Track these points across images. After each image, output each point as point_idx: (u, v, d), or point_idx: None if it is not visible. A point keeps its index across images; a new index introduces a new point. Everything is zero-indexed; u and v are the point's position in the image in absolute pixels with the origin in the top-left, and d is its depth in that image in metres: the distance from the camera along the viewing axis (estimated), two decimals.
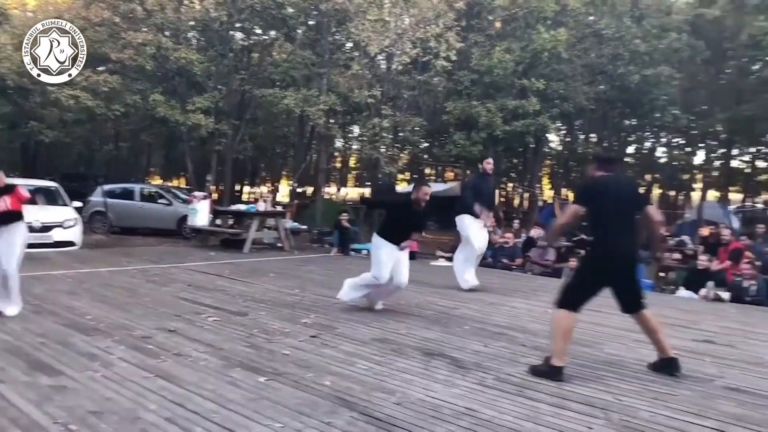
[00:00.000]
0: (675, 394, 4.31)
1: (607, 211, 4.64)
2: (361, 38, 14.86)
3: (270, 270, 9.84)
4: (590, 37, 20.99)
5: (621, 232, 4.60)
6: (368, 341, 5.46)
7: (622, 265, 4.71)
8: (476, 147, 17.39)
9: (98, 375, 4.20)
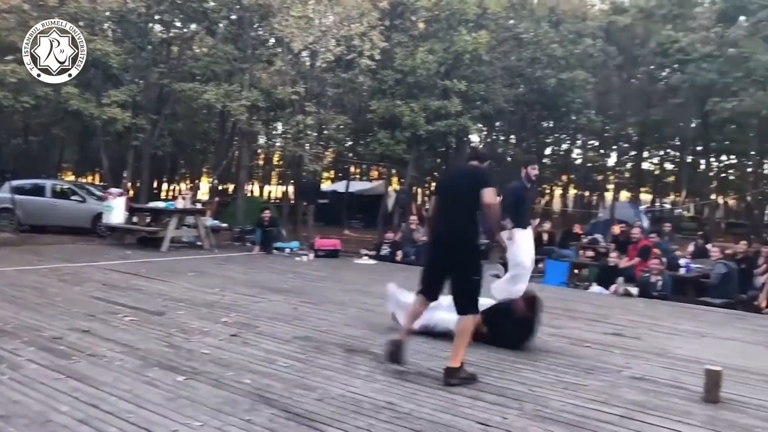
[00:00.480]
0: (585, 384, 4.51)
1: (441, 199, 4.80)
2: (284, 34, 14.71)
3: (189, 269, 9.63)
4: (510, 41, 21.54)
5: (446, 218, 4.64)
6: (290, 339, 5.44)
7: (445, 246, 4.65)
8: (400, 146, 17.54)
9: (5, 378, 4.01)
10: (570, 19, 23.79)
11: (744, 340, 6.40)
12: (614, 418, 3.80)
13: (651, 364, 5.20)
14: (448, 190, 4.81)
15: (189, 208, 13.38)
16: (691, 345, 6.03)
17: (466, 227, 4.50)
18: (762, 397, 4.38)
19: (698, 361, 5.02)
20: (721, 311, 8.45)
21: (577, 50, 21.70)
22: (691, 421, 3.82)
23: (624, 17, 23.72)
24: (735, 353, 5.75)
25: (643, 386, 4.54)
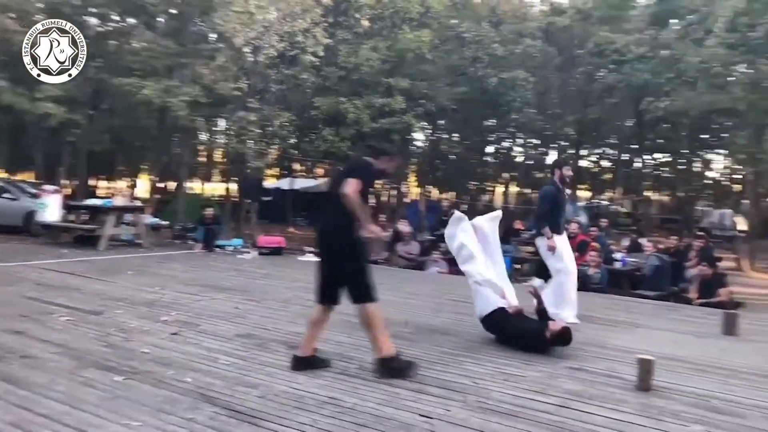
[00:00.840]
0: (524, 375, 4.62)
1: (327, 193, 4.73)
2: (226, 29, 14.51)
3: (128, 267, 9.40)
4: (452, 40, 21.80)
5: (324, 215, 4.66)
6: (232, 337, 5.39)
7: (320, 244, 4.73)
8: (345, 143, 17.55)
9: None
10: (510, 20, 24.21)
11: (675, 330, 6.65)
12: (552, 408, 3.91)
13: (587, 354, 5.36)
14: (331, 186, 4.74)
15: (127, 206, 13.07)
16: (626, 336, 6.24)
17: (340, 220, 4.40)
18: (691, 384, 4.57)
19: (632, 351, 5.20)
20: (654, 303, 8.75)
21: (518, 50, 22.12)
22: (624, 409, 3.96)
23: (563, 18, 24.29)
24: (666, 343, 5.98)
25: (580, 376, 4.68)
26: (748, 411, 4.03)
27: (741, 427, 3.74)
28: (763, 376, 4.91)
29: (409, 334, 5.81)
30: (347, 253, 4.48)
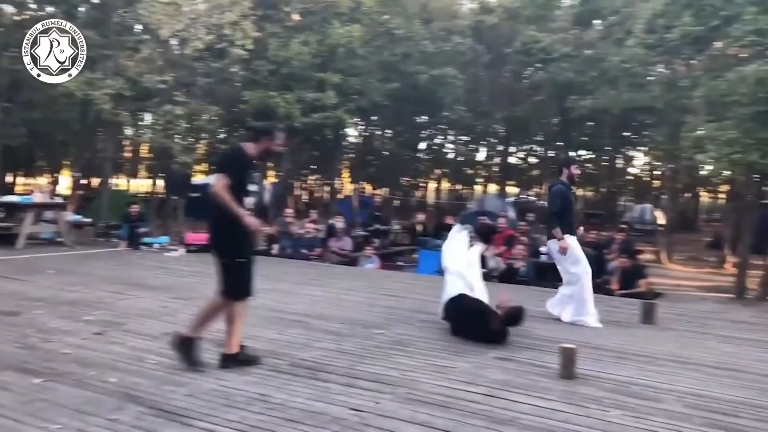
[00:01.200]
0: (454, 366, 4.70)
1: None
2: (151, 21, 14.10)
3: (48, 266, 9.02)
4: (383, 36, 21.85)
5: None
6: (159, 336, 5.26)
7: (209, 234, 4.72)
8: None
9: None
10: (441, 17, 24.47)
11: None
12: (480, 397, 4.00)
13: (514, 344, 5.49)
14: None
15: (48, 203, 12.53)
16: (551, 326, 6.44)
17: (215, 216, 4.46)
18: (612, 371, 4.76)
19: (556, 341, 5.36)
20: None
21: (448, 47, 22.38)
22: (549, 396, 4.09)
23: (491, 17, 24.74)
24: (588, 332, 6.21)
25: (507, 366, 4.80)
26: (665, 395, 4.23)
27: (658, 410, 3.92)
28: (678, 362, 5.16)
29: (341, 329, 5.81)
30: (220, 249, 4.50)
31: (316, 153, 30.04)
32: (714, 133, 10.93)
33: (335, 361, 4.70)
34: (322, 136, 20.92)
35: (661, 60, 16.00)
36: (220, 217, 4.35)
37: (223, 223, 4.36)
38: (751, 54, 11.89)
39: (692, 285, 13.15)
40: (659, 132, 18.68)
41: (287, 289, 7.97)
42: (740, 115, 10.67)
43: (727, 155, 10.57)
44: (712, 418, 3.82)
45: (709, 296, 11.60)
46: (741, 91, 10.58)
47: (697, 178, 26.43)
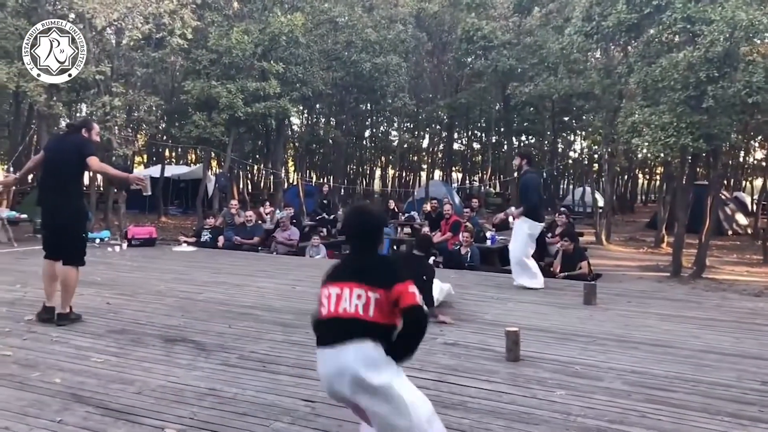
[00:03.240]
0: None
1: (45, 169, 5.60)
2: (85, 10, 13.64)
3: None
4: (326, 24, 21.70)
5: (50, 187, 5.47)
6: (104, 334, 5.17)
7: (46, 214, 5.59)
8: (218, 128, 17.07)
9: None
10: (383, 5, 24.45)
11: (540, 302, 7.09)
12: (429, 383, 4.08)
13: (462, 330, 5.61)
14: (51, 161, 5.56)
15: None
16: (496, 310, 6.59)
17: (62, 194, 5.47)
18: (554, 352, 4.92)
19: (502, 324, 5.50)
20: None
21: (390, 35, 22.39)
22: (495, 379, 4.21)
23: (432, 5, 24.84)
24: (533, 314, 6.38)
25: (455, 351, 4.91)
26: (605, 374, 4.41)
27: (599, 389, 4.08)
28: (617, 341, 5.37)
29: (291, 320, 5.82)
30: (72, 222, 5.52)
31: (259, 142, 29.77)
32: (649, 117, 11.29)
33: (285, 353, 4.72)
34: (265, 125, 20.72)
35: (598, 47, 16.39)
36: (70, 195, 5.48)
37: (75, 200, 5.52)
38: (682, 40, 12.32)
39: (631, 265, 13.61)
40: (597, 117, 19.15)
41: (236, 282, 7.92)
42: (673, 99, 11.05)
43: (661, 139, 10.94)
44: (650, 393, 4.00)
45: (647, 275, 12.03)
46: (673, 77, 10.96)
47: (634, 161, 27.25)
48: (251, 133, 24.46)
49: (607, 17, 13.33)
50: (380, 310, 2.55)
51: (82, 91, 16.67)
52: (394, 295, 2.54)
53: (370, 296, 2.54)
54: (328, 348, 2.62)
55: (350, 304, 2.56)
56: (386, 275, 2.61)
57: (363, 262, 2.73)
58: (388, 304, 2.55)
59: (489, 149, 34.95)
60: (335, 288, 2.64)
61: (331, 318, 2.61)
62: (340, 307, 2.59)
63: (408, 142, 33.52)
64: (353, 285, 2.59)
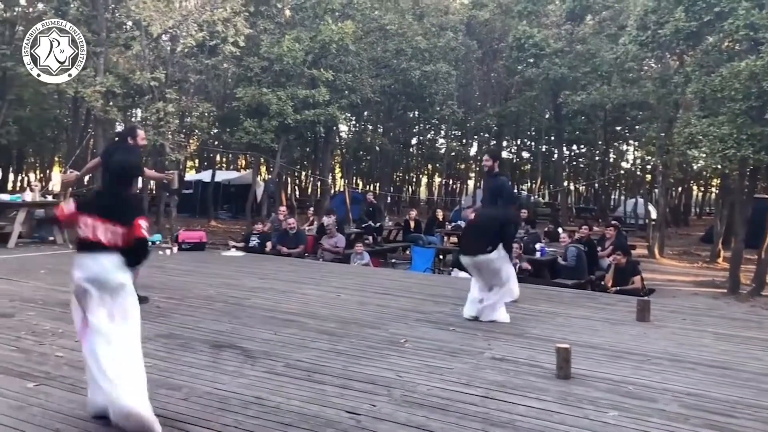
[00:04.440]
0: (450, 367, 4.68)
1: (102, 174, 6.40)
2: (142, 17, 14.00)
3: (41, 266, 8.95)
4: (376, 32, 21.81)
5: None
6: (153, 337, 5.22)
7: None
8: (268, 135, 17.29)
9: None
10: (433, 13, 24.44)
11: (592, 318, 6.90)
12: (477, 399, 3.99)
13: (510, 344, 5.49)
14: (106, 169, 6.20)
15: (39, 201, 12.44)
16: (546, 325, 6.43)
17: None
18: (607, 371, 4.76)
19: (552, 340, 5.36)
20: (573, 291, 9.06)
21: (440, 43, 22.36)
22: (545, 397, 4.08)
23: (483, 12, 24.72)
24: (584, 330, 6.20)
25: (503, 366, 4.79)
26: (660, 395, 4.23)
27: (653, 410, 3.92)
28: (672, 360, 5.17)
29: (336, 329, 5.79)
30: None
31: (308, 149, 30.04)
32: (707, 128, 10.95)
33: (330, 362, 4.68)
34: (314, 132, 20.91)
35: (654, 56, 16.02)
36: None
37: None
38: (744, 49, 11.92)
39: (685, 280, 13.20)
40: (652, 127, 18.72)
41: (282, 288, 7.94)
42: (733, 110, 10.68)
43: (720, 151, 10.59)
44: (709, 418, 3.82)
45: (703, 291, 11.65)
46: (734, 87, 10.59)
47: (689, 173, 26.51)
48: (300, 139, 24.69)
49: (664, 25, 13.02)
50: (124, 239, 3.45)
51: (137, 97, 17.11)
52: (132, 229, 3.45)
53: (118, 231, 3.44)
54: (87, 257, 3.46)
55: (104, 235, 3.43)
56: (128, 214, 3.49)
57: (114, 200, 3.61)
58: (128, 234, 3.45)
59: (538, 158, 34.51)
60: (92, 220, 3.45)
61: (91, 241, 3.45)
62: (97, 236, 3.44)
63: (455, 150, 33.37)
64: (107, 222, 3.44)
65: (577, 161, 36.87)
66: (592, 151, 33.12)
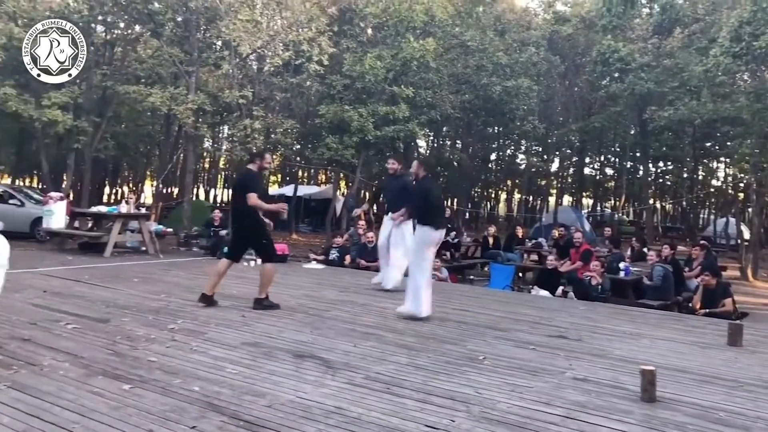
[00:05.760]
0: (530, 386, 4.63)
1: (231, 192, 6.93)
2: (232, 38, 14.61)
3: (133, 275, 9.44)
4: (456, 48, 21.89)
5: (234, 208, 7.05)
6: (238, 345, 5.42)
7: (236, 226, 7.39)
8: (348, 151, 17.62)
9: None
10: (515, 28, 24.31)
11: (679, 340, 6.66)
12: (557, 419, 3.93)
13: (592, 365, 5.37)
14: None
15: (133, 213, 13.11)
16: (630, 346, 6.25)
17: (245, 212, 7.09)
18: (694, 395, 4.58)
19: (636, 362, 5.21)
20: (659, 313, 8.76)
21: (522, 58, 22.20)
22: (629, 420, 3.98)
23: (566, 27, 24.38)
24: (670, 353, 5.99)
25: (585, 387, 4.70)
26: (753, 423, 4.05)
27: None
28: (767, 387, 4.92)
29: (414, 343, 5.83)
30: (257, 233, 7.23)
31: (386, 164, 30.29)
32: None
33: (410, 376, 4.72)
34: (393, 148, 21.13)
35: (748, 69, 15.36)
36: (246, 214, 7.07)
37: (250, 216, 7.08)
38: None
39: None
40: (745, 143, 17.89)
41: (361, 302, 8.06)
42: None
43: None
44: None
45: None
46: None
47: None
48: (379, 154, 25.00)
49: (759, 37, 12.50)
50: None
51: (225, 114, 17.81)
52: None
53: None
54: None
55: None
56: None
57: None
58: None
59: (623, 175, 33.53)
60: None
61: None
62: None
63: (536, 166, 32.89)
64: None
65: (664, 178, 35.60)
66: (680, 168, 31.89)
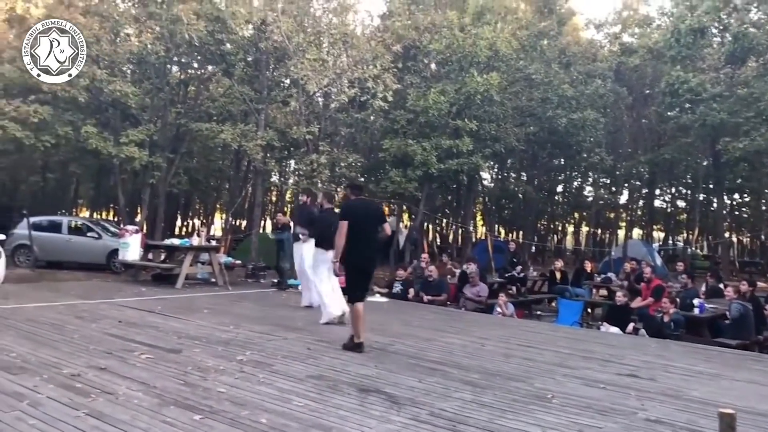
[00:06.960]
0: (600, 426, 4.51)
1: (357, 226, 6.73)
2: (299, 76, 15.05)
3: (204, 306, 9.70)
4: (521, 82, 21.85)
5: (365, 242, 6.79)
6: (304, 378, 5.48)
7: (368, 265, 7.11)
8: (411, 184, 17.73)
9: (25, 415, 4.09)
10: (580, 61, 24.11)
11: (760, 382, 6.34)
12: None
13: (666, 406, 5.18)
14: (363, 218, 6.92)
15: (204, 245, 13.50)
16: (706, 387, 6.00)
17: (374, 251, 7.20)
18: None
19: (713, 404, 5.00)
20: (736, 352, 8.38)
21: (588, 90, 21.96)
22: None
23: (633, 58, 24.02)
24: (751, 396, 5.72)
25: (659, 429, 4.53)
26: None
27: None
28: None
29: (478, 380, 5.76)
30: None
31: (449, 197, 30.29)
32: None
33: (475, 414, 4.66)
34: (456, 181, 21.13)
35: None
36: None
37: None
38: None
39: None
40: None
41: (425, 336, 8.02)
42: None
43: None
44: None
45: None
46: None
47: None
48: (442, 188, 25.02)
49: None
50: None
51: (293, 149, 18.27)
52: None
53: None
54: None
55: None
56: None
57: None
58: None
59: (696, 207, 32.41)
60: None
61: None
62: None
63: (604, 198, 32.20)
64: None
65: (740, 211, 34.24)
66: (758, 200, 30.63)
